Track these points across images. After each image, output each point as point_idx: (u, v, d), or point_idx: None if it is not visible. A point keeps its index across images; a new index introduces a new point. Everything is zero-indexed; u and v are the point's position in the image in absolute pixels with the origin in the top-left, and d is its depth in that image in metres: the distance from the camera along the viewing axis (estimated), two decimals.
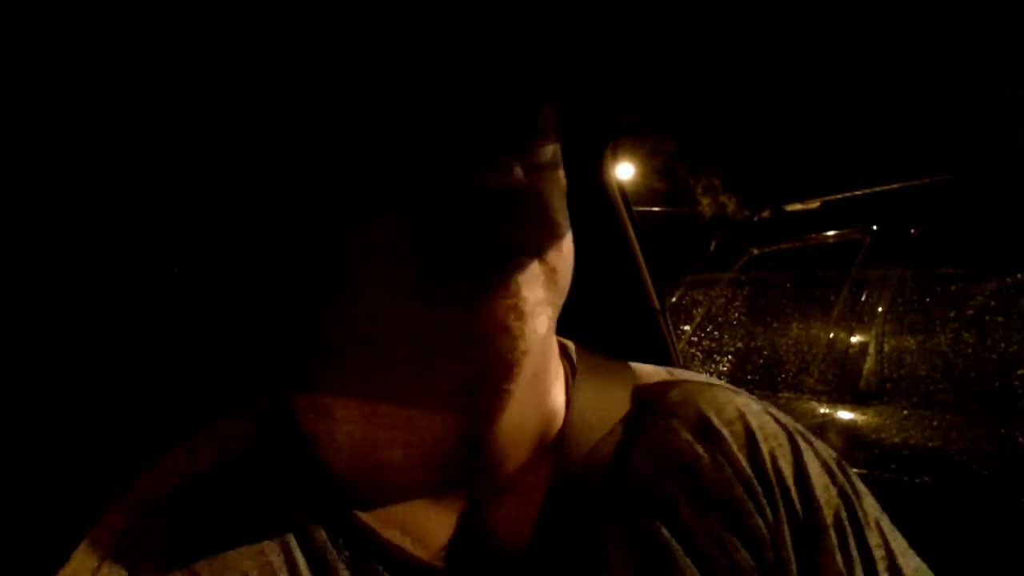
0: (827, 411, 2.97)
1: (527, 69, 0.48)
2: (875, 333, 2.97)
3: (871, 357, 2.94)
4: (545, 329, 0.49)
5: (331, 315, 0.50)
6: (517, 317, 0.47)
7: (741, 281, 3.80)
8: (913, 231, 3.21)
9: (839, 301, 3.17)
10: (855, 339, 3.04)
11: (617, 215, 1.11)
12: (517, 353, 0.48)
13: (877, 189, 3.61)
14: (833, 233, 3.67)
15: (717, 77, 0.57)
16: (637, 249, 1.13)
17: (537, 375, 0.56)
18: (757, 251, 3.95)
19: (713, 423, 0.59)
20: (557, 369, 0.60)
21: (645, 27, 0.53)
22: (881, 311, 3.01)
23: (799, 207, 3.96)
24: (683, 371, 0.66)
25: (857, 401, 2.90)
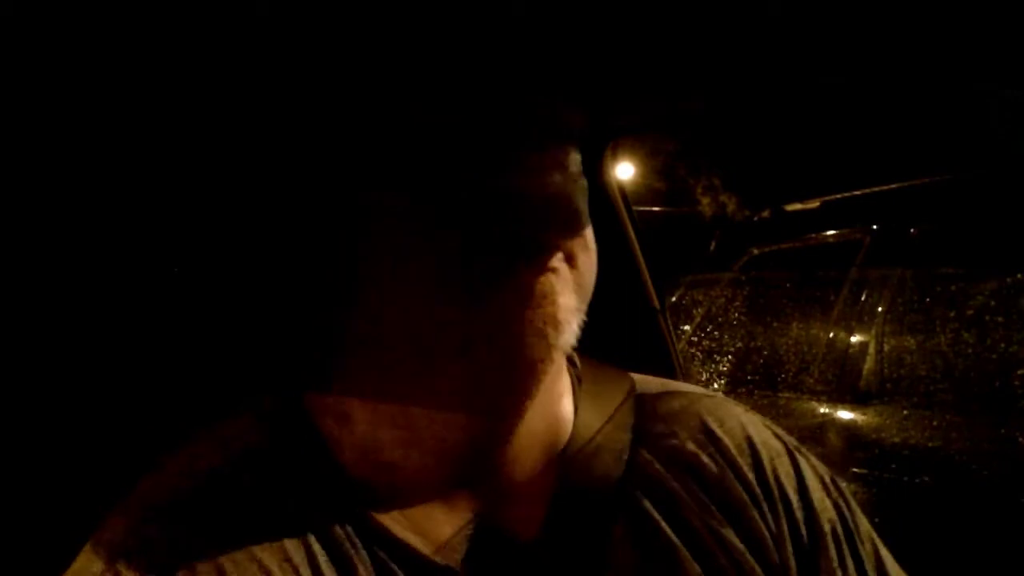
0: (827, 411, 2.97)
1: (540, 69, 0.48)
2: (875, 333, 2.97)
3: (871, 357, 2.94)
4: (575, 338, 0.49)
5: (352, 315, 0.50)
6: (553, 326, 0.47)
7: (741, 281, 3.80)
8: (913, 231, 3.21)
9: (839, 301, 3.17)
10: (855, 339, 3.04)
11: (617, 215, 1.11)
12: (548, 361, 0.48)
13: (877, 189, 3.61)
14: (833, 233, 3.67)
15: (717, 77, 0.57)
16: (637, 249, 1.13)
17: (551, 381, 0.56)
18: (757, 251, 3.95)
19: (716, 433, 0.60)
20: (565, 376, 0.60)
21: (645, 27, 0.53)
22: (881, 311, 3.01)
23: (799, 207, 3.96)
24: (679, 383, 0.67)
25: (857, 401, 2.90)
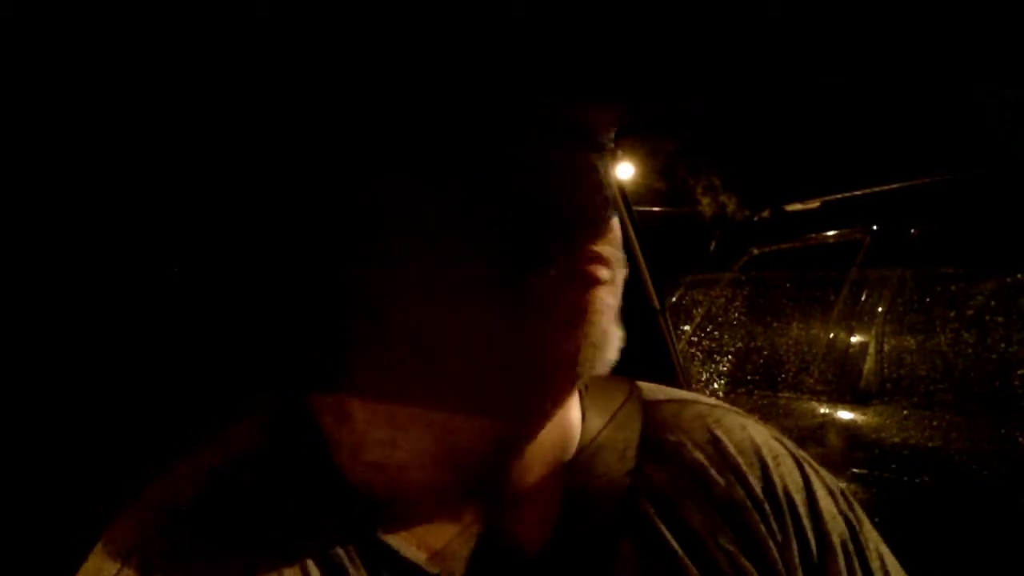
0: (827, 411, 2.97)
1: (557, 71, 0.47)
2: (875, 333, 2.97)
3: (871, 357, 2.94)
4: (615, 355, 0.49)
5: (364, 315, 0.49)
6: (600, 340, 0.47)
7: (741, 281, 3.80)
8: (913, 231, 3.21)
9: (839, 301, 3.17)
10: (855, 339, 3.04)
11: (617, 215, 1.11)
12: (587, 372, 0.48)
13: (877, 189, 3.61)
14: (833, 233, 3.67)
15: (717, 77, 0.57)
16: (637, 249, 1.13)
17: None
18: (757, 251, 3.95)
19: (723, 444, 0.59)
20: None
21: (645, 27, 0.53)
22: (881, 311, 3.00)
23: (799, 207, 3.96)
24: (686, 392, 0.66)
25: (857, 401, 2.90)
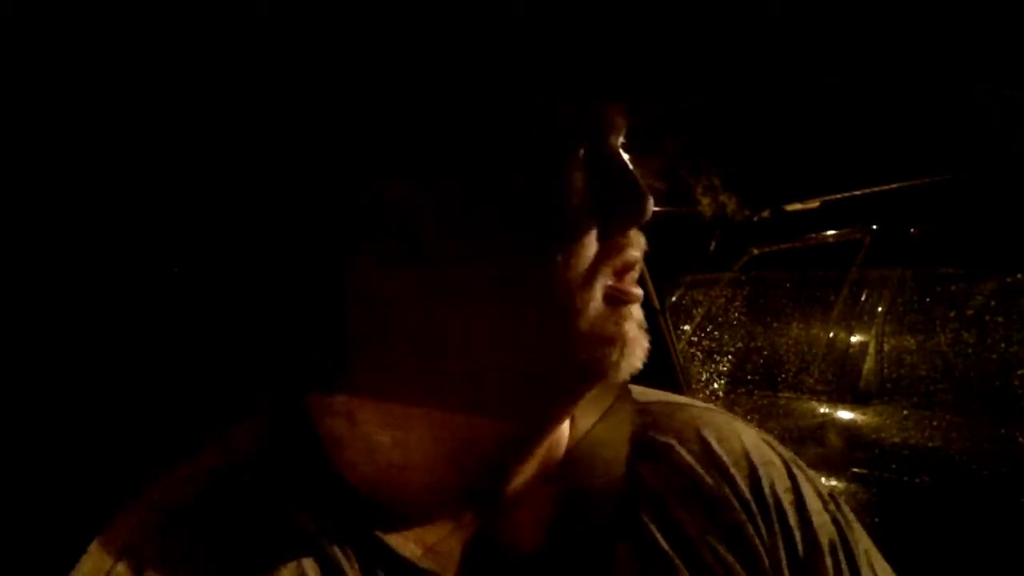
0: (827, 411, 2.97)
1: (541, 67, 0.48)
2: (875, 333, 2.97)
3: (871, 357, 2.94)
4: (641, 362, 0.50)
5: (364, 315, 0.49)
6: (629, 348, 0.48)
7: (741, 281, 3.80)
8: (913, 231, 3.21)
9: (839, 301, 3.17)
10: (855, 339, 3.04)
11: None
12: (615, 378, 0.48)
13: (877, 189, 3.61)
14: (833, 233, 3.67)
15: (717, 77, 0.57)
16: None
17: None
18: (757, 251, 3.95)
19: (713, 448, 0.60)
20: None
21: (644, 26, 0.53)
22: (881, 311, 3.00)
23: (799, 207, 3.96)
24: (677, 396, 0.66)
25: (857, 401, 2.90)
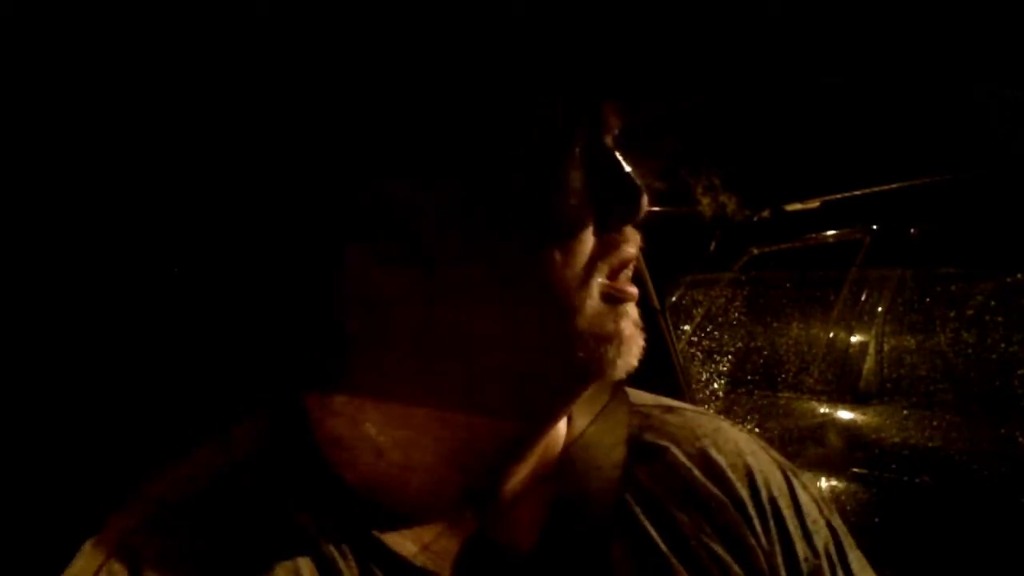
0: (827, 411, 2.97)
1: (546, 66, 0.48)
2: (875, 333, 2.97)
3: (871, 357, 2.94)
4: (636, 361, 0.50)
5: (364, 315, 0.49)
6: (624, 347, 0.49)
7: (741, 281, 3.80)
8: (913, 231, 3.21)
9: (839, 301, 3.17)
10: (855, 339, 3.04)
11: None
12: (612, 377, 0.49)
13: (877, 189, 3.61)
14: (833, 233, 3.67)
15: (716, 76, 0.57)
16: None
17: None
18: (757, 251, 3.96)
19: (709, 450, 0.60)
20: None
21: (644, 26, 0.53)
22: (881, 311, 3.01)
23: (799, 207, 3.96)
24: (674, 400, 0.66)
25: (857, 401, 2.91)
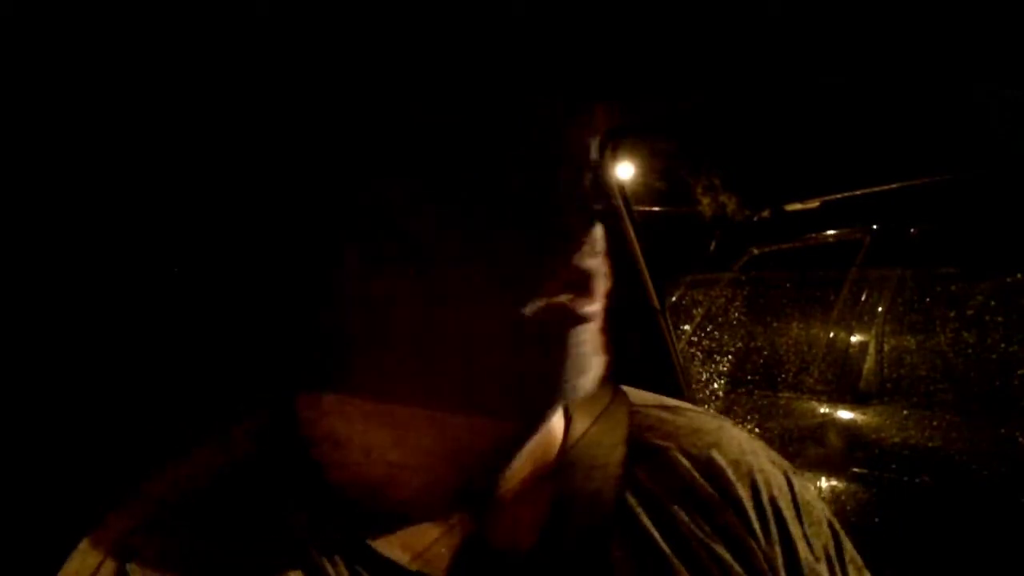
0: (827, 411, 2.97)
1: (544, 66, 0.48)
2: (875, 333, 2.98)
3: (871, 357, 2.94)
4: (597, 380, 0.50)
5: (364, 315, 0.48)
6: (580, 367, 0.48)
7: (741, 281, 3.80)
8: (913, 231, 3.21)
9: (839, 301, 3.18)
10: (855, 339, 3.04)
11: (617, 215, 1.11)
12: (567, 397, 0.49)
13: (877, 189, 3.61)
14: (833, 233, 3.67)
15: (716, 76, 0.57)
16: (637, 249, 1.13)
17: None
18: (757, 251, 3.96)
19: (711, 453, 0.60)
20: None
21: (645, 26, 0.53)
22: (881, 311, 3.01)
23: (799, 207, 3.96)
24: (670, 399, 0.66)
25: (857, 401, 2.91)
